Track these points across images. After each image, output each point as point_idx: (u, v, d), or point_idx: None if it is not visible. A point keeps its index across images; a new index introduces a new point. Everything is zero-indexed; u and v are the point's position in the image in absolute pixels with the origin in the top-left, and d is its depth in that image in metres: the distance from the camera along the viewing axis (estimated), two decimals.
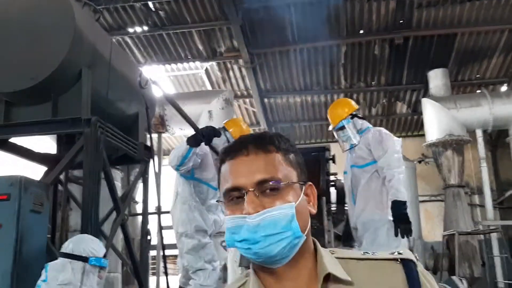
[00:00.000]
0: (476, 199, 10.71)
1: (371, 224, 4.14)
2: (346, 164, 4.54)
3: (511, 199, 10.17)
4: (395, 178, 3.94)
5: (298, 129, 11.82)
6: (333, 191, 5.06)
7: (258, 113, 10.91)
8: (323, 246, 3.59)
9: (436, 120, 9.17)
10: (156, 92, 6.87)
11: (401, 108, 11.22)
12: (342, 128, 4.34)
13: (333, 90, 10.59)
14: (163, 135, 9.34)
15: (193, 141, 3.82)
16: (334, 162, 4.95)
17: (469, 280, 7.54)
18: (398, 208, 3.87)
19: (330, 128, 4.55)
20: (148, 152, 5.40)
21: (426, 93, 10.20)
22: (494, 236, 8.79)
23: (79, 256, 2.59)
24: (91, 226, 4.03)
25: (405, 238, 3.93)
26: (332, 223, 4.68)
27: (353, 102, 4.57)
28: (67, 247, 2.63)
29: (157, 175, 5.65)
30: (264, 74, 10.21)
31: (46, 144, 7.90)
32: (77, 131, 4.16)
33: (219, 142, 4.20)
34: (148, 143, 5.54)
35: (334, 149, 5.16)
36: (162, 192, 6.51)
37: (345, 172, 4.55)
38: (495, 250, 8.75)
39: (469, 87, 10.44)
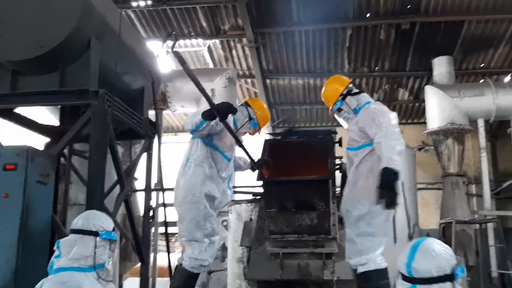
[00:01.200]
0: (473, 188, 10.76)
1: (351, 214, 3.84)
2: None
3: (508, 190, 10.22)
4: (391, 148, 3.56)
5: (299, 112, 11.75)
6: (338, 174, 5.02)
7: (260, 94, 10.80)
8: (328, 228, 3.48)
9: (439, 108, 9.14)
10: (161, 67, 6.79)
11: (403, 94, 11.18)
12: (339, 109, 4.12)
13: (336, 74, 10.47)
14: (164, 112, 9.25)
15: (207, 115, 3.67)
16: (340, 145, 4.89)
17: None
18: (387, 175, 3.45)
19: (330, 111, 4.28)
20: (153, 128, 5.34)
21: (429, 81, 10.16)
22: (490, 226, 8.85)
23: (90, 231, 2.55)
24: (96, 200, 3.99)
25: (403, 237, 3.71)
26: (336, 206, 4.65)
27: (342, 80, 4.19)
28: (76, 223, 2.58)
29: (159, 152, 5.61)
30: (267, 55, 10.09)
31: (45, 117, 7.80)
32: (85, 103, 4.09)
33: (241, 117, 4.11)
34: (154, 119, 5.48)
35: (341, 132, 5.10)
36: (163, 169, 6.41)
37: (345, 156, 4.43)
38: (491, 240, 8.82)
39: (473, 76, 10.41)
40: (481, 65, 10.16)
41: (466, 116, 9.10)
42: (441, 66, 9.62)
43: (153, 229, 8.27)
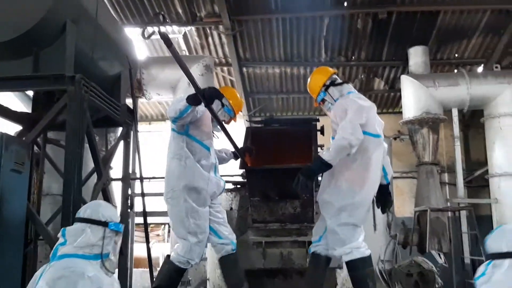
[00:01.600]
0: (446, 177, 10.96)
1: (333, 205, 3.76)
2: None
3: (480, 178, 10.46)
4: (336, 141, 3.57)
5: (276, 101, 11.70)
6: None
7: (236, 83, 10.69)
8: (312, 216, 3.48)
9: (414, 98, 9.23)
10: (138, 53, 6.61)
11: (379, 84, 11.25)
12: (323, 100, 4.08)
13: (313, 63, 10.47)
14: (138, 100, 9.04)
15: (192, 100, 3.50)
16: (322, 133, 4.87)
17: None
18: (316, 163, 3.55)
19: (315, 102, 4.22)
20: (131, 115, 5.20)
21: (404, 70, 10.25)
22: (463, 214, 9.05)
23: (99, 221, 2.56)
24: (73, 190, 3.85)
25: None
26: None
27: (326, 70, 4.16)
28: (84, 212, 2.60)
29: (137, 140, 5.48)
30: (244, 42, 9.97)
31: (15, 105, 7.51)
32: (60, 88, 3.93)
33: (215, 107, 3.96)
34: (131, 107, 5.33)
35: (324, 121, 5.08)
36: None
37: None
38: (464, 227, 9.02)
39: (448, 66, 10.54)
40: (456, 55, 10.31)
41: (441, 105, 9.23)
42: (416, 56, 9.70)
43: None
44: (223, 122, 4.15)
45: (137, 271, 8.33)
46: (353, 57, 10.43)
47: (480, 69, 10.14)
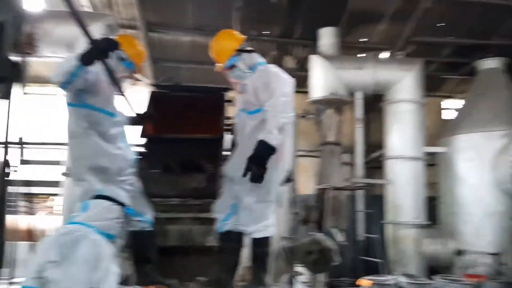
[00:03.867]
0: (346, 157, 11.34)
1: (248, 181, 3.51)
2: (237, 108, 3.94)
3: (376, 160, 10.96)
4: (274, 121, 3.38)
5: (185, 71, 11.21)
6: (227, 136, 4.75)
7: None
8: (215, 192, 3.23)
9: (322, 78, 9.33)
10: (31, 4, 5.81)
11: (290, 62, 11.24)
12: (232, 66, 3.77)
13: None
14: (30, 58, 8.07)
15: (87, 59, 2.97)
16: (232, 105, 4.62)
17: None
18: (262, 148, 3.30)
19: (218, 67, 3.86)
20: (16, 70, 4.52)
21: (315, 51, 10.30)
22: (360, 193, 9.42)
23: (118, 201, 2.81)
24: None
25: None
26: None
27: (236, 35, 3.94)
28: (102, 191, 2.87)
29: (21, 101, 4.82)
30: (153, 5, 9.34)
31: None
32: None
33: (111, 62, 3.41)
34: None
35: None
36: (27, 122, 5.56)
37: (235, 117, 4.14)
38: (360, 206, 9.41)
39: (355, 50, 10.80)
40: (363, 40, 10.57)
41: (347, 88, 9.42)
42: (327, 37, 9.78)
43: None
44: (126, 79, 3.69)
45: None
46: (266, 32, 10.26)
47: (385, 55, 10.50)
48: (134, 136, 4.10)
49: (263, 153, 3.31)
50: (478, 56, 10.63)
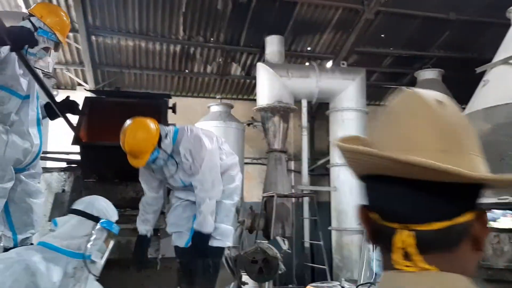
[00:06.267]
0: (292, 165, 11.42)
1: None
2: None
3: (321, 167, 11.10)
4: (205, 203, 3.36)
5: (128, 76, 10.87)
6: None
7: (83, 52, 9.62)
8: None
9: (268, 86, 9.35)
10: None
11: (236, 69, 11.20)
12: (155, 159, 3.44)
13: (170, 40, 9.95)
14: None
15: None
16: (174, 112, 4.48)
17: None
18: (200, 241, 3.40)
19: (136, 164, 3.44)
20: None
21: (261, 58, 10.32)
22: (306, 200, 9.47)
23: (91, 215, 2.34)
24: None
25: None
26: None
27: (149, 126, 3.41)
28: (79, 204, 2.40)
29: None
30: (95, 8, 9.00)
31: None
32: None
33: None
34: None
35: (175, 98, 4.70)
36: None
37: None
38: (306, 213, 9.45)
39: (300, 58, 10.91)
40: (308, 49, 10.71)
41: (292, 96, 9.50)
42: (272, 45, 9.82)
43: None
44: (51, 52, 3.18)
45: None
46: (211, 39, 10.16)
47: (329, 64, 10.68)
48: (67, 143, 3.87)
49: (202, 245, 3.44)
50: (418, 67, 11.07)
